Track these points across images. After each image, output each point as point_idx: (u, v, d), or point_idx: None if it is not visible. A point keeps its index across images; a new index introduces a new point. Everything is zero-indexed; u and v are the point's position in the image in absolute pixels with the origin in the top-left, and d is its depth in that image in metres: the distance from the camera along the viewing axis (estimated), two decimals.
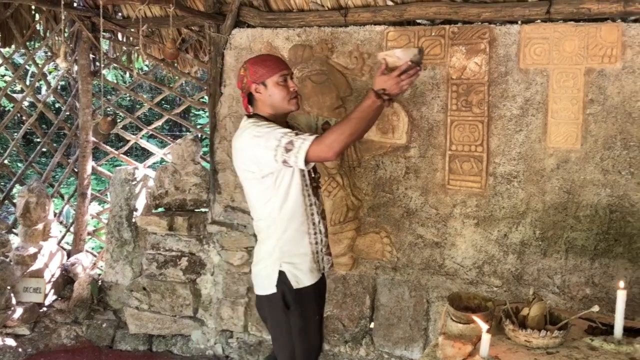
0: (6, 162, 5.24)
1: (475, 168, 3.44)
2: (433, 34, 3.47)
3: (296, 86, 2.71)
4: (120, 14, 4.73)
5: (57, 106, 8.84)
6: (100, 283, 4.83)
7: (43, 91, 7.09)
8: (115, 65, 5.28)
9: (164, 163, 4.88)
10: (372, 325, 3.94)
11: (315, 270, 2.74)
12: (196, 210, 4.55)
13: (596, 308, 2.15)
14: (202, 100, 4.84)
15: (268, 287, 2.69)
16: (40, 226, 4.69)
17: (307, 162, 2.46)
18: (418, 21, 3.58)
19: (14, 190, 5.23)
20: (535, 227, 3.36)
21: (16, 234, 4.89)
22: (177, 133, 11.47)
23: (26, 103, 6.37)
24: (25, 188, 4.66)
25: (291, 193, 2.63)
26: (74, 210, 5.18)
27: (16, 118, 9.01)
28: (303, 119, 3.78)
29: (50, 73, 8.47)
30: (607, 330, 2.17)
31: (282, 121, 2.70)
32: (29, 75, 8.19)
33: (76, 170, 5.09)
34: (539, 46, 3.23)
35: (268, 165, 2.53)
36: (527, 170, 3.34)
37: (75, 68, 5.02)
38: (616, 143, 3.13)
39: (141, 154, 9.71)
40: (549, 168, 3.29)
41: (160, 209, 4.61)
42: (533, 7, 3.25)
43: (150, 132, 5.13)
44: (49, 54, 5.48)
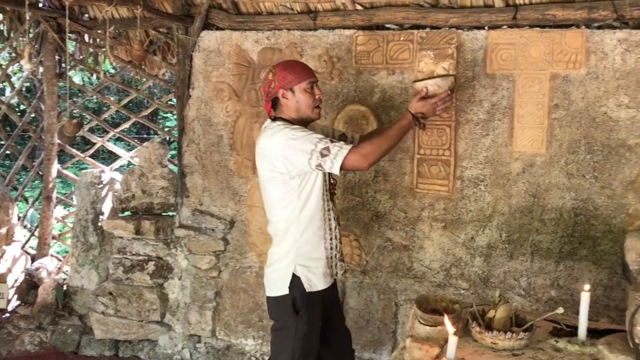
0: None
1: (443, 172, 3.46)
2: (401, 39, 3.50)
3: (321, 94, 2.79)
4: (86, 15, 4.67)
5: (22, 108, 8.68)
6: (65, 288, 4.74)
7: (7, 93, 6.96)
8: (81, 67, 5.19)
9: (131, 166, 4.83)
10: None
11: (328, 275, 2.80)
12: (163, 214, 4.50)
13: (561, 310, 2.18)
14: (170, 102, 4.81)
15: (280, 289, 2.73)
16: (3, 230, 4.61)
17: (341, 169, 2.56)
18: (387, 26, 3.60)
19: None
20: (501, 230, 3.39)
21: None
22: (145, 136, 11.32)
23: None
24: None
25: (312, 197, 2.70)
26: (39, 214, 5.08)
27: None
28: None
29: (14, 74, 8.30)
30: (572, 331, 2.21)
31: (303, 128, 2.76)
32: None
33: (41, 173, 5.00)
34: (506, 51, 3.27)
35: (299, 167, 2.60)
36: (494, 174, 3.37)
37: (40, 69, 4.93)
38: (580, 147, 3.17)
39: (108, 157, 9.56)
40: (515, 172, 3.32)
41: (127, 213, 4.54)
42: (500, 13, 3.29)
43: (117, 135, 5.06)
44: (13, 55, 5.38)
